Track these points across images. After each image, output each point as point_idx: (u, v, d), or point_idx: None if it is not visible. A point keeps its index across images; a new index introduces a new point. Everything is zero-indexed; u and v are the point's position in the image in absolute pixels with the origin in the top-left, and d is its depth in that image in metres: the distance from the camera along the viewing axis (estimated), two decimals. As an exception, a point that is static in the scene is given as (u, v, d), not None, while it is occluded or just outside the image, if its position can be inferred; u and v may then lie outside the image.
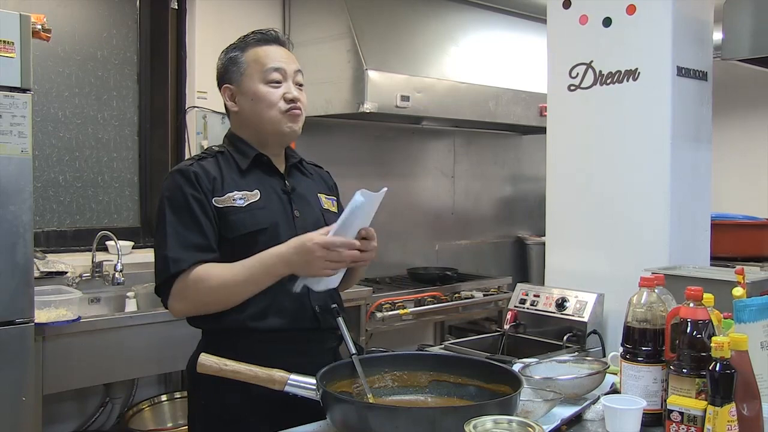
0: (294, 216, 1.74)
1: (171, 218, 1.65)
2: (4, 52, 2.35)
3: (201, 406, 1.72)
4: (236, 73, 1.77)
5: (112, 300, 3.26)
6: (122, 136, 3.66)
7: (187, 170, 1.69)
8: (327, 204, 1.86)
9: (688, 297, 1.47)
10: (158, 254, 1.66)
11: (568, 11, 2.87)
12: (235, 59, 1.78)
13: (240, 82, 1.76)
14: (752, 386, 1.39)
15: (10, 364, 2.39)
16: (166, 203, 1.68)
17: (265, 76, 1.74)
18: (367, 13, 3.79)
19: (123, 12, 3.65)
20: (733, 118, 5.08)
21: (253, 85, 1.74)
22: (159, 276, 1.65)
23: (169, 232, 1.64)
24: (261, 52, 1.76)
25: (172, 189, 1.69)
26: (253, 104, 1.75)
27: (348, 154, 4.18)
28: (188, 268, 1.61)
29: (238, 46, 1.79)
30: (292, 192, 1.78)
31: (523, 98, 4.24)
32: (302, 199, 1.80)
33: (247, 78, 1.75)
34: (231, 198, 1.69)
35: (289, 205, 1.76)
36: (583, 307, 2.52)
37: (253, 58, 1.76)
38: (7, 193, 2.36)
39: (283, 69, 1.75)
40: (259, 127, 1.76)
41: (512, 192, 5.18)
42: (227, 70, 1.79)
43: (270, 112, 1.73)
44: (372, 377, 1.55)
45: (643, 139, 2.66)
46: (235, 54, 1.78)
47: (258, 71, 1.74)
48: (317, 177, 1.93)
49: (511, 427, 1.16)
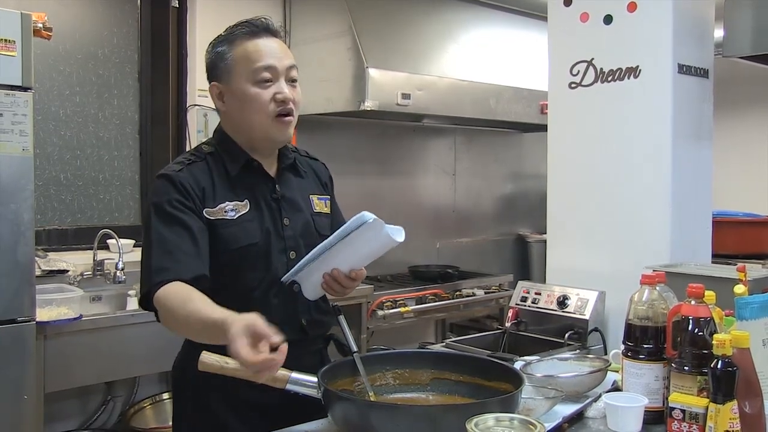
0: (283, 224, 1.67)
1: (157, 226, 1.55)
2: (6, 50, 2.35)
3: (184, 407, 1.72)
4: (223, 70, 1.64)
5: (114, 298, 3.27)
6: (123, 135, 3.66)
7: (176, 177, 1.59)
8: (319, 206, 1.77)
9: (690, 294, 1.47)
10: (144, 263, 1.55)
11: (569, 9, 2.86)
12: (222, 54, 1.64)
13: (228, 80, 1.63)
14: (754, 384, 1.39)
15: (12, 362, 2.39)
16: (153, 210, 1.57)
17: (254, 76, 1.60)
18: (368, 11, 3.78)
19: (124, 10, 3.65)
20: (735, 116, 5.07)
21: (241, 85, 1.61)
22: (143, 286, 1.55)
23: (154, 240, 1.54)
24: (251, 47, 1.62)
25: (159, 194, 1.58)
26: (241, 105, 1.62)
27: (349, 152, 4.18)
28: (172, 280, 1.49)
29: (226, 39, 1.66)
30: (281, 198, 1.69)
31: (524, 96, 4.24)
32: (292, 205, 1.70)
33: (236, 77, 1.62)
34: (222, 210, 1.60)
35: (278, 212, 1.67)
36: (584, 305, 2.52)
37: (241, 55, 1.62)
38: (8, 192, 2.37)
39: (274, 66, 1.61)
40: (248, 131, 1.65)
41: (513, 190, 5.18)
42: (215, 65, 1.66)
43: (259, 117, 1.61)
44: (373, 375, 1.55)
45: (644, 136, 2.65)
46: (222, 48, 1.65)
47: (247, 70, 1.60)
48: (311, 174, 1.82)
49: (513, 424, 1.16)
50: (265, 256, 1.62)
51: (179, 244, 1.53)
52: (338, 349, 1.70)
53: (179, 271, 1.50)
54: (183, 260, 1.52)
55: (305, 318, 1.68)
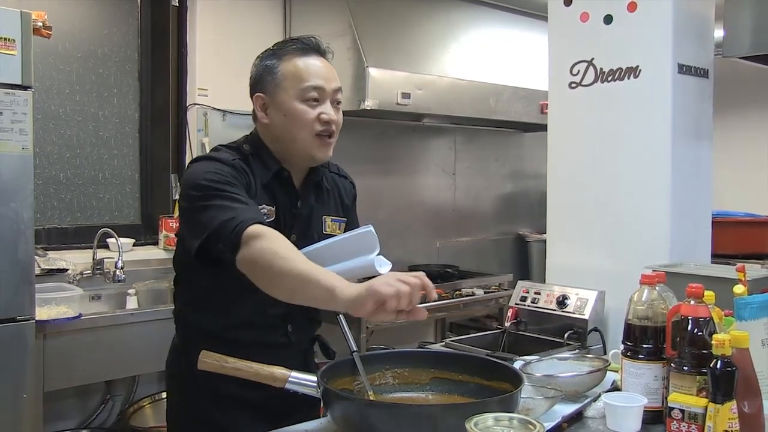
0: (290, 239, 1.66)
1: (220, 188, 1.51)
2: (5, 49, 2.35)
3: (175, 405, 1.74)
4: (271, 83, 1.64)
5: (113, 297, 3.27)
6: (123, 134, 3.66)
7: (232, 163, 1.59)
8: (330, 228, 1.77)
9: (689, 294, 1.47)
10: (212, 213, 1.47)
11: (569, 8, 2.86)
12: (270, 68, 1.65)
13: (274, 93, 1.64)
14: (753, 384, 1.39)
15: (11, 361, 2.39)
16: (211, 177, 1.52)
17: (302, 94, 1.62)
18: (368, 11, 3.78)
19: (124, 9, 3.65)
20: (734, 116, 5.07)
21: (288, 100, 1.62)
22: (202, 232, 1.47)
23: (222, 201, 1.48)
24: (300, 64, 1.63)
25: (217, 168, 1.56)
26: (285, 120, 1.63)
27: (349, 152, 4.14)
28: (254, 223, 1.44)
29: (275, 53, 1.67)
30: (299, 215, 1.70)
31: (523, 95, 4.24)
32: (303, 224, 1.71)
33: (283, 91, 1.63)
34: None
35: (291, 227, 1.68)
36: (584, 305, 2.52)
37: (291, 71, 1.63)
38: (8, 191, 2.37)
39: (322, 87, 1.64)
40: (289, 144, 1.66)
41: (513, 189, 5.17)
42: (261, 78, 1.67)
43: (302, 133, 1.63)
44: (373, 375, 1.55)
45: (644, 136, 2.65)
46: (272, 62, 1.65)
47: (295, 87, 1.62)
48: (334, 193, 1.82)
49: (512, 424, 1.16)
50: None
51: (252, 205, 1.53)
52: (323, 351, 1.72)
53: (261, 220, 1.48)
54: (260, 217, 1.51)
55: (291, 324, 1.70)
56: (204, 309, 1.67)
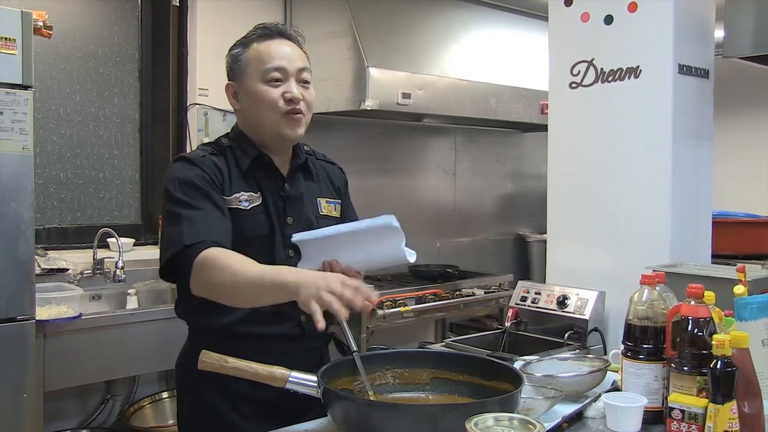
0: (286, 223, 1.71)
1: (185, 198, 1.58)
2: (6, 49, 2.35)
3: (187, 404, 1.73)
4: (237, 71, 1.72)
5: (113, 297, 3.27)
6: (123, 133, 3.66)
7: (200, 161, 1.64)
8: (326, 209, 1.81)
9: (690, 295, 1.47)
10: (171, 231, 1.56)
11: (569, 9, 2.86)
12: (237, 56, 1.72)
13: (241, 80, 1.71)
14: (753, 384, 1.39)
15: (11, 361, 2.39)
16: (177, 184, 1.60)
17: (264, 75, 1.68)
18: (369, 11, 3.78)
19: (124, 9, 3.65)
20: (735, 116, 5.07)
21: (252, 83, 1.69)
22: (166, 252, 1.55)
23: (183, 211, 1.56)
24: (262, 48, 1.70)
25: (185, 171, 1.62)
26: (252, 103, 1.69)
27: (349, 152, 4.17)
28: (209, 245, 1.51)
29: (241, 42, 1.74)
30: (288, 197, 1.73)
31: (524, 96, 4.24)
32: (297, 205, 1.74)
33: (247, 76, 1.70)
34: (237, 199, 1.65)
35: (284, 210, 1.71)
36: (584, 305, 2.52)
37: (253, 56, 1.70)
38: (8, 190, 2.37)
39: (284, 68, 1.68)
40: (259, 127, 1.71)
41: (513, 189, 5.18)
42: (230, 68, 1.74)
43: (269, 114, 1.68)
44: (373, 374, 1.55)
45: (644, 136, 2.65)
46: (238, 51, 1.73)
47: (257, 69, 1.68)
48: (324, 177, 1.86)
49: (512, 424, 1.16)
50: (270, 250, 1.66)
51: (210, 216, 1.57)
52: (338, 348, 1.71)
53: (215, 238, 1.54)
54: (216, 230, 1.56)
55: (304, 314, 1.68)
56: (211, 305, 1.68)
